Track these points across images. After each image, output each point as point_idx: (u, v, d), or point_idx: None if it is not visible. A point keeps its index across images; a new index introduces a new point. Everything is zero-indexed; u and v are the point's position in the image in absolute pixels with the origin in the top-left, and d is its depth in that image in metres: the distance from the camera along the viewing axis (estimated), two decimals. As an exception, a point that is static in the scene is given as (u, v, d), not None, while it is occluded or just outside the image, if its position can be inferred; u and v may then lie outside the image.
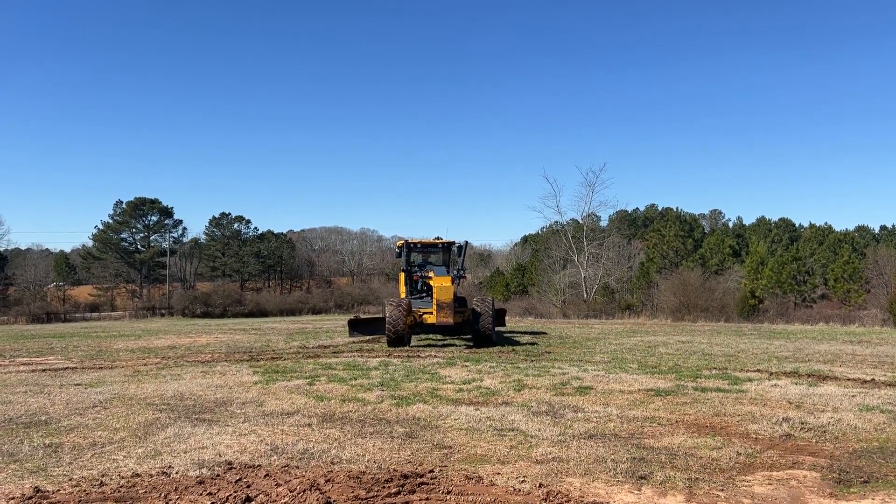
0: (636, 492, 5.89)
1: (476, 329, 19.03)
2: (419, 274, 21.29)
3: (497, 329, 23.63)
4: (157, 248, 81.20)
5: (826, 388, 11.20)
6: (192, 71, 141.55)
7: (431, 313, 18.86)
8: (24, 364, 15.94)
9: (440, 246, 22.35)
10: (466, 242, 22.19)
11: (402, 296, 21.04)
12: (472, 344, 19.47)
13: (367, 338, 21.54)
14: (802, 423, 8.39)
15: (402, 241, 21.79)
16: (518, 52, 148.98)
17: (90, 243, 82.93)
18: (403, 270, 21.56)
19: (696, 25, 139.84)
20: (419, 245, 22.16)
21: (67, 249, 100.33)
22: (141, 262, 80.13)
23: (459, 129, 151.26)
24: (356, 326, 22.54)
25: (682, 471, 6.46)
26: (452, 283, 19.26)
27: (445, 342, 20.94)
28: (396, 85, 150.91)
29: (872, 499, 5.67)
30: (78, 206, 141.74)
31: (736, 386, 11.37)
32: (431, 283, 19.53)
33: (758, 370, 13.62)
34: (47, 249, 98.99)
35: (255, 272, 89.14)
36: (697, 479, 6.22)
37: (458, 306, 19.64)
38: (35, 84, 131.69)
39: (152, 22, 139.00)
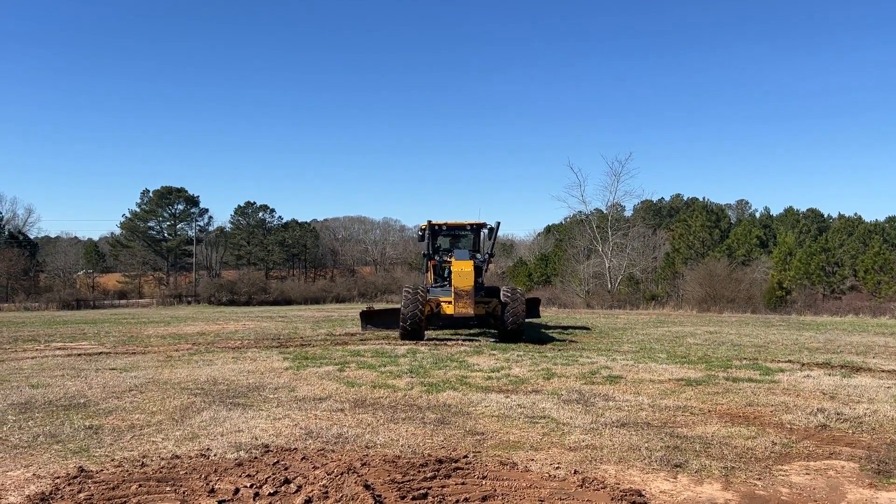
0: (672, 479, 5.88)
1: (503, 322, 17.00)
2: (437, 259, 19.21)
3: (531, 321, 22.06)
4: (183, 237, 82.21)
5: (860, 379, 11.08)
6: (217, 61, 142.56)
7: (450, 303, 16.93)
8: (59, 349, 16.25)
9: (469, 228, 19.88)
10: (498, 224, 19.49)
11: (430, 284, 19.00)
12: (497, 339, 17.58)
13: (383, 331, 19.61)
14: (838, 414, 8.31)
15: (426, 224, 19.24)
16: (543, 40, 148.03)
17: (118, 231, 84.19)
18: (425, 255, 19.51)
19: (723, 13, 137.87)
20: (445, 227, 19.73)
21: (96, 237, 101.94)
22: (168, 250, 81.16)
23: (483, 118, 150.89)
24: (370, 319, 20.27)
25: (717, 459, 6.44)
26: (476, 268, 17.27)
27: (469, 333, 19.99)
28: (420, 74, 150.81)
29: (913, 490, 5.61)
30: (106, 195, 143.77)
31: (768, 376, 11.28)
32: (451, 267, 17.54)
33: (789, 361, 13.49)
34: (76, 237, 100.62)
35: (279, 261, 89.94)
36: (734, 467, 6.19)
37: (485, 295, 17.92)
38: (62, 74, 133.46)
39: (178, 11, 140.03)
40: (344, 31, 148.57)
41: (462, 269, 16.81)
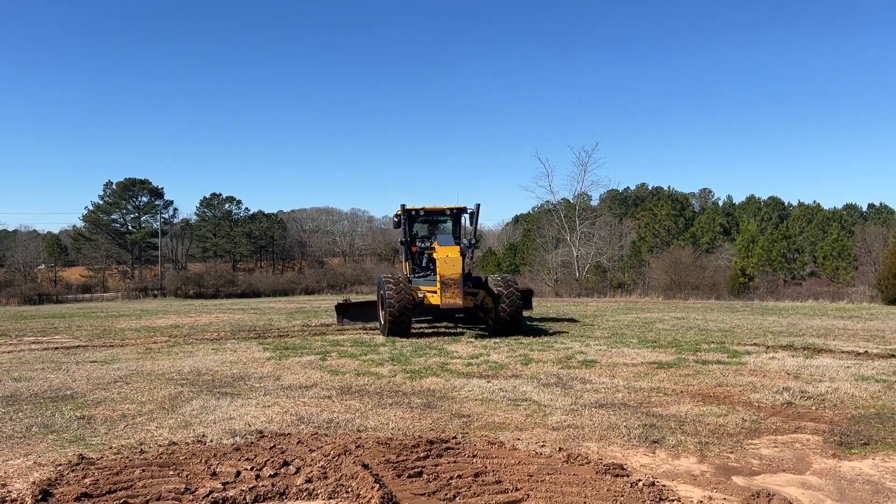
0: (651, 454, 6.23)
1: (496, 315, 15.72)
2: (419, 245, 17.91)
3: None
4: (148, 229, 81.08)
5: (822, 360, 11.62)
6: (180, 52, 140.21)
7: (435, 293, 15.66)
8: (33, 343, 16.15)
9: (448, 213, 18.62)
10: (478, 206, 18.09)
11: (408, 273, 17.96)
12: (487, 334, 16.16)
13: (360, 325, 18.80)
14: (802, 392, 8.77)
15: (401, 208, 17.89)
16: (509, 32, 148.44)
17: (80, 224, 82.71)
18: (402, 243, 18.24)
19: (685, 5, 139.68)
20: (422, 212, 18.32)
21: (56, 231, 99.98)
22: (132, 243, 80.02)
23: (451, 109, 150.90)
24: (346, 312, 19.28)
25: (692, 435, 6.82)
26: (462, 254, 15.97)
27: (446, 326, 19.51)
28: (386, 65, 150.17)
29: (873, 459, 6.04)
30: (66, 188, 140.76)
31: (735, 358, 11.77)
32: (434, 255, 16.17)
33: (754, 344, 14.04)
34: (35, 231, 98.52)
35: (246, 253, 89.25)
36: (707, 442, 6.57)
37: (471, 286, 16.80)
38: (22, 67, 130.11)
39: (140, 3, 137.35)
40: (308, 24, 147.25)
41: (448, 256, 15.49)
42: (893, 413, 7.70)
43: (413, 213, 18.14)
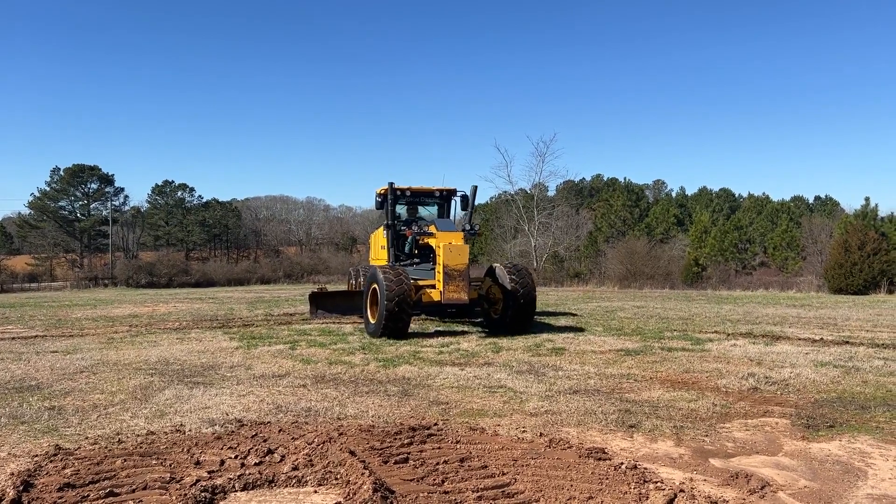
0: (629, 438, 6.39)
1: (510, 311, 13.96)
2: (414, 230, 15.62)
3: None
4: (97, 217, 78.97)
5: (781, 346, 12.01)
6: (130, 35, 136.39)
7: (434, 286, 13.86)
8: (-14, 333, 15.66)
9: (437, 194, 17.01)
10: (475, 188, 16.21)
11: (384, 262, 16.24)
12: (490, 331, 14.47)
13: (335, 318, 17.32)
14: (766, 378, 9.08)
15: (386, 187, 15.76)
16: (468, 24, 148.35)
17: (26, 211, 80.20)
18: (387, 226, 16.09)
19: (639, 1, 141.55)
20: (408, 192, 16.59)
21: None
22: (81, 231, 77.89)
23: (409, 99, 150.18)
24: (322, 303, 17.66)
25: (666, 420, 7.01)
26: (465, 242, 14.14)
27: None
28: (342, 52, 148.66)
29: (839, 440, 6.31)
30: (10, 173, 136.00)
31: (699, 346, 12.09)
32: (433, 241, 14.32)
33: (715, 332, 14.42)
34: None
35: (200, 241, 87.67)
36: (682, 426, 6.76)
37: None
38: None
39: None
40: (261, 13, 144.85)
41: (452, 244, 13.53)
42: (853, 397, 8.03)
43: (399, 192, 16.14)
